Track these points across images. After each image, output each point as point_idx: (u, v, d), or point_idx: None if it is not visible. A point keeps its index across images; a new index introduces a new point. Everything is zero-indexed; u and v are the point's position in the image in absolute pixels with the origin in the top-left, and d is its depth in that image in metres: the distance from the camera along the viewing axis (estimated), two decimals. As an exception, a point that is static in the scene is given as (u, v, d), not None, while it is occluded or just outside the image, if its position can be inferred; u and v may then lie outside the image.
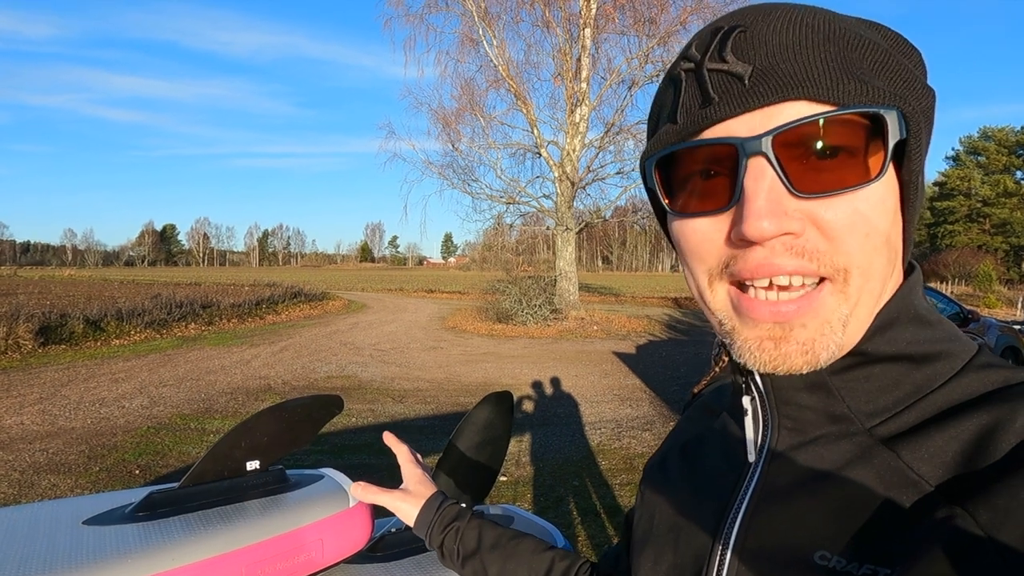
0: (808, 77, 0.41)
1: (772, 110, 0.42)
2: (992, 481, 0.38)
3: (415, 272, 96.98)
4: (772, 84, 0.41)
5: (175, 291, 19.80)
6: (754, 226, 0.41)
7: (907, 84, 0.43)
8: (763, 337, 0.44)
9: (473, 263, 46.80)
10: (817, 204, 0.41)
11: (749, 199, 0.41)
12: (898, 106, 0.41)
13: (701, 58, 0.44)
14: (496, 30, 17.74)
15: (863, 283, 0.43)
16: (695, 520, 0.54)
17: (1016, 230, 54.79)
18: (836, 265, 0.42)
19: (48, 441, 5.66)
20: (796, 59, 0.41)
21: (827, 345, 0.43)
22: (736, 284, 0.45)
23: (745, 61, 0.42)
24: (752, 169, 0.42)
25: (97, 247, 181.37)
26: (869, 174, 0.41)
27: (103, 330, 12.27)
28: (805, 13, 0.43)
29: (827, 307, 0.43)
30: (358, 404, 7.28)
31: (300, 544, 1.03)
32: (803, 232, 0.42)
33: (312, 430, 1.18)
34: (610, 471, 5.00)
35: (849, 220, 0.41)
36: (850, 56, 0.42)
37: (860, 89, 0.40)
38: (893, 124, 0.41)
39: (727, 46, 0.43)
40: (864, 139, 0.41)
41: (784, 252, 0.42)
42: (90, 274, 53.83)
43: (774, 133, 0.41)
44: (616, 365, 10.48)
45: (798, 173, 0.41)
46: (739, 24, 0.44)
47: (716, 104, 0.43)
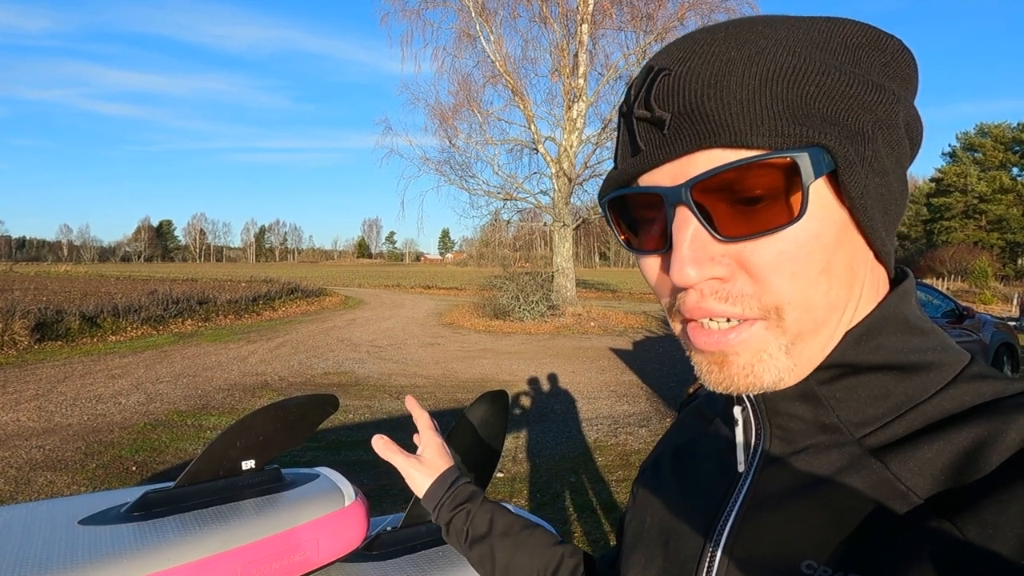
0: (718, 124, 0.41)
1: (689, 159, 0.42)
2: (981, 496, 0.38)
3: (412, 268, 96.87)
4: (687, 133, 0.42)
5: (171, 287, 19.76)
6: (679, 273, 0.42)
7: (851, 100, 0.42)
8: (708, 361, 0.46)
9: (470, 259, 46.78)
10: (743, 247, 0.42)
11: (676, 247, 0.43)
12: (816, 142, 0.40)
13: (632, 103, 0.45)
14: (493, 26, 17.70)
15: (801, 315, 0.43)
16: (686, 525, 0.54)
17: (1012, 226, 54.83)
18: (765, 306, 0.43)
19: (44, 438, 5.65)
20: (709, 103, 0.41)
21: (768, 369, 0.44)
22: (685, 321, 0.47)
23: (664, 108, 0.43)
24: (678, 218, 0.43)
25: (93, 243, 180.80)
26: (792, 213, 0.41)
27: (99, 326, 12.24)
28: (733, 44, 0.42)
29: (760, 339, 0.44)
30: (355, 400, 7.29)
31: (296, 543, 1.03)
32: (731, 277, 0.43)
33: (307, 430, 1.18)
34: (607, 467, 5.02)
35: (774, 261, 0.42)
36: (772, 90, 0.41)
37: (773, 130, 0.40)
38: (806, 164, 0.40)
39: (652, 91, 0.43)
40: (782, 180, 0.41)
41: (711, 296, 0.43)
42: (86, 270, 53.63)
43: (691, 184, 0.42)
44: (613, 361, 10.49)
45: (723, 218, 0.42)
46: (664, 66, 0.43)
47: (643, 153, 0.45)
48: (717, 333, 0.44)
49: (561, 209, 17.79)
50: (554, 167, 17.87)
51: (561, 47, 17.53)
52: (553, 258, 18.74)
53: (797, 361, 0.45)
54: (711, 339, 0.45)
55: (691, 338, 0.46)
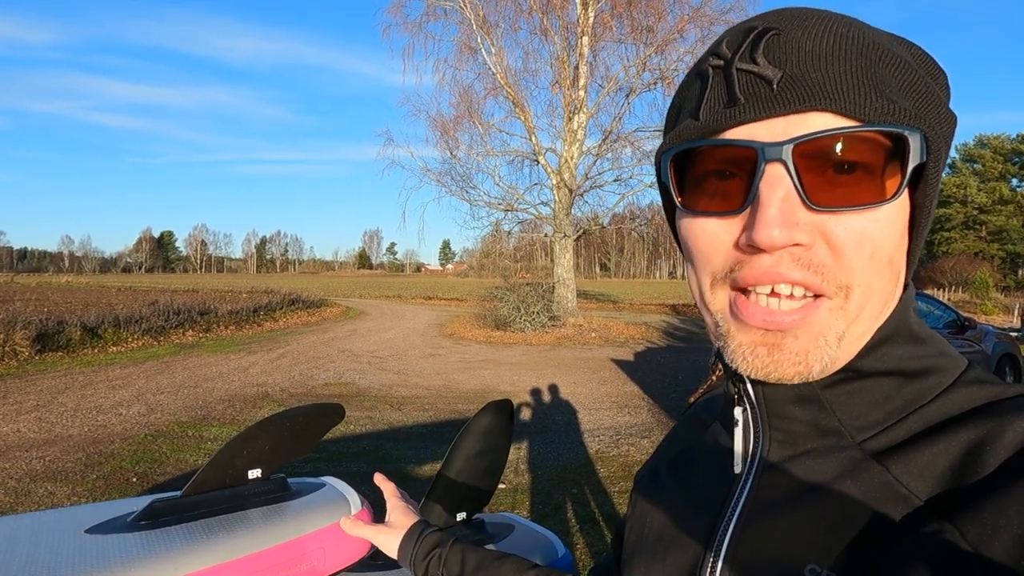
0: (836, 89, 0.40)
1: (796, 118, 0.41)
2: (981, 497, 0.38)
3: (413, 279, 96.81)
4: (800, 92, 0.41)
5: (172, 298, 19.76)
6: (765, 233, 0.40)
7: (932, 107, 0.43)
8: (757, 343, 0.44)
9: (471, 270, 46.82)
10: (828, 218, 0.41)
11: (763, 206, 0.41)
12: (921, 129, 0.41)
13: (732, 57, 0.43)
14: (494, 38, 17.82)
15: (863, 301, 0.43)
16: (686, 531, 0.54)
17: (1012, 237, 54.94)
18: (839, 282, 0.42)
19: (45, 449, 5.63)
20: (826, 69, 0.41)
21: (820, 357, 0.43)
22: (738, 290, 0.45)
23: (775, 65, 0.42)
24: (769, 175, 0.41)
25: (94, 254, 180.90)
26: (884, 194, 0.41)
27: (100, 337, 12.24)
28: (840, 23, 0.43)
29: (822, 321, 0.42)
30: (356, 411, 7.26)
31: (302, 552, 1.03)
32: (812, 245, 0.41)
33: (313, 438, 1.18)
34: (609, 478, 5.00)
35: (857, 238, 0.41)
36: (880, 72, 0.41)
37: (887, 107, 0.40)
38: (915, 147, 0.41)
39: (759, 48, 0.42)
40: (883, 158, 0.41)
41: (791, 262, 0.41)
42: (87, 281, 53.71)
43: (796, 142, 0.40)
44: (614, 372, 10.47)
45: (814, 185, 0.41)
46: (773, 27, 0.43)
47: (741, 105, 0.43)
48: (778, 312, 0.43)
49: (562, 220, 17.82)
50: (555, 178, 17.92)
51: (562, 59, 17.63)
52: (554, 269, 18.74)
53: (842, 352, 0.44)
54: (771, 317, 0.43)
55: (743, 312, 0.44)
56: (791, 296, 0.43)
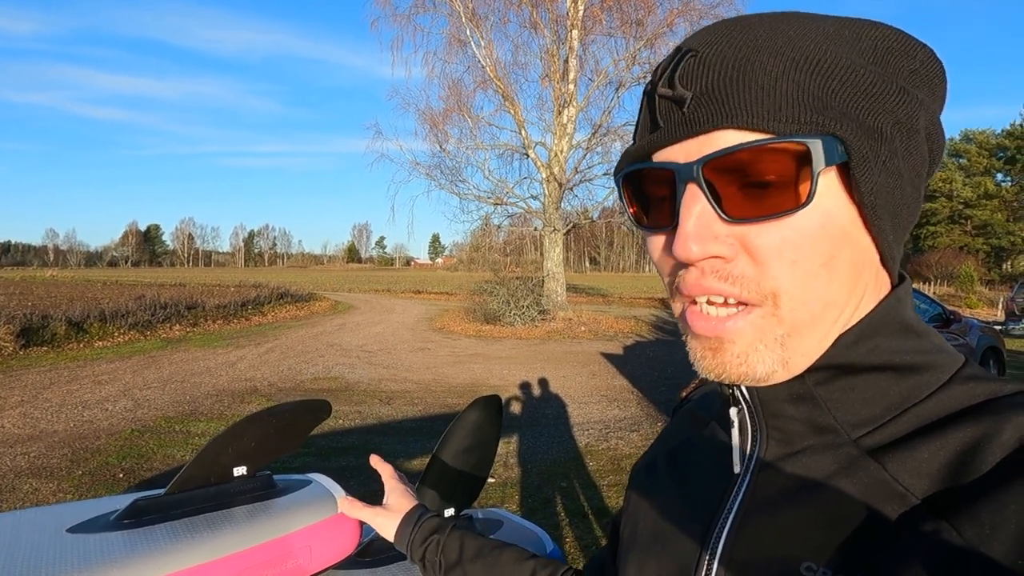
0: (738, 105, 0.42)
1: (706, 138, 0.43)
2: (978, 495, 0.38)
3: (402, 273, 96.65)
4: (705, 112, 0.43)
5: (159, 292, 19.59)
6: (681, 247, 0.43)
7: (872, 99, 0.42)
8: (703, 347, 0.46)
9: (461, 264, 46.72)
10: (748, 229, 0.43)
11: (681, 222, 0.43)
12: (830, 132, 0.41)
13: (656, 82, 0.46)
14: (484, 31, 17.75)
15: (797, 306, 0.43)
16: (681, 529, 0.54)
17: (997, 231, 55.46)
18: (763, 291, 0.43)
19: (29, 444, 5.58)
20: (731, 85, 0.42)
21: (762, 359, 0.44)
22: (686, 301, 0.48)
23: (687, 87, 0.44)
24: (687, 194, 0.43)
25: (80, 247, 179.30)
26: (798, 200, 0.42)
27: (86, 332, 12.12)
28: (762, 31, 0.43)
29: (755, 327, 0.44)
30: (345, 406, 7.25)
31: (288, 550, 1.02)
32: (734, 257, 0.43)
33: (300, 435, 1.17)
34: (598, 472, 5.01)
35: (776, 247, 0.42)
36: (794, 78, 0.41)
37: (790, 116, 0.41)
38: (817, 152, 0.41)
39: (677, 71, 0.44)
40: (793, 166, 0.41)
41: (711, 275, 0.44)
42: (72, 275, 53.08)
43: (703, 162, 0.42)
44: (604, 366, 10.50)
45: (731, 199, 0.43)
46: (692, 48, 0.45)
47: (661, 130, 0.46)
48: (715, 319, 0.45)
49: (551, 214, 17.82)
50: (544, 172, 17.91)
51: (551, 52, 17.60)
52: (543, 263, 18.77)
53: (791, 355, 0.45)
54: (708, 324, 0.45)
55: (689, 322, 0.47)
56: (725, 303, 0.45)
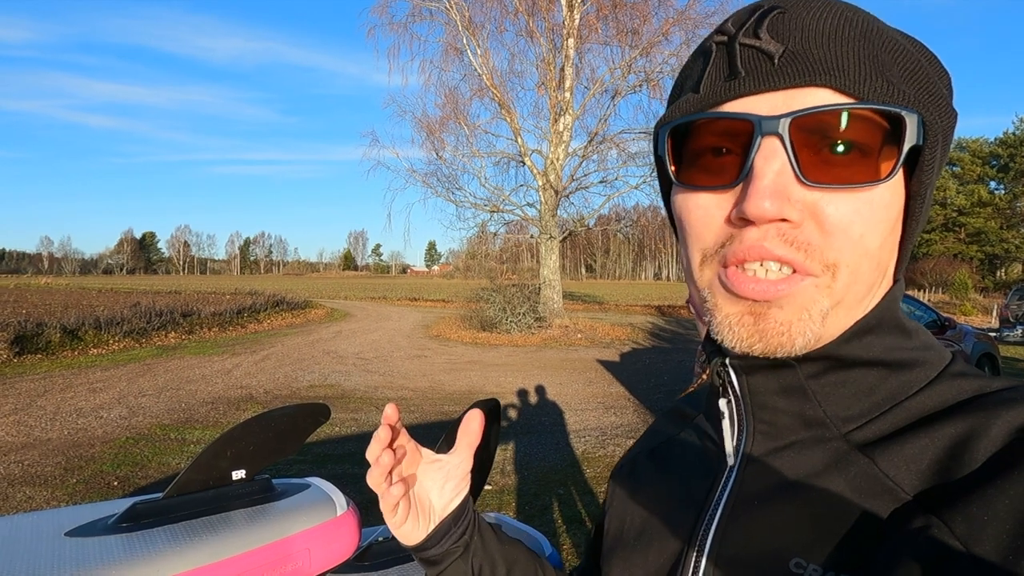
0: (836, 66, 0.41)
1: (795, 93, 0.41)
2: (968, 491, 0.38)
3: (399, 280, 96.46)
4: (800, 67, 0.41)
5: (155, 299, 19.53)
6: (756, 204, 0.40)
7: (932, 97, 0.43)
8: (743, 312, 0.44)
9: (457, 271, 46.69)
10: (820, 196, 0.41)
11: (756, 177, 0.41)
12: (919, 112, 0.41)
13: (735, 32, 0.44)
14: (480, 39, 17.81)
15: (850, 283, 0.43)
16: (668, 525, 0.53)
17: (991, 239, 55.77)
18: (826, 261, 0.42)
19: (23, 452, 5.54)
20: (828, 47, 0.41)
21: (803, 331, 0.43)
22: (726, 266, 0.45)
23: (778, 41, 0.42)
24: (764, 149, 0.41)
25: (75, 255, 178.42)
26: (878, 174, 0.41)
27: (80, 339, 12.06)
28: (845, 6, 0.43)
29: (807, 296, 0.42)
30: (341, 413, 7.22)
31: (287, 554, 1.02)
32: (801, 223, 0.41)
33: (299, 439, 1.17)
34: (595, 479, 5.00)
35: (848, 218, 0.41)
36: (882, 56, 0.42)
37: (886, 88, 0.40)
38: (911, 128, 0.41)
39: (763, 24, 0.43)
40: (880, 139, 0.41)
41: (777, 238, 0.41)
42: (67, 282, 52.88)
43: (793, 116, 0.41)
44: (600, 373, 10.49)
45: (809, 162, 0.41)
46: (778, 5, 0.43)
47: (741, 79, 0.43)
48: (766, 282, 0.42)
49: (548, 221, 17.84)
50: (541, 180, 17.94)
51: (547, 61, 17.66)
52: (540, 270, 18.76)
53: (826, 331, 0.44)
54: (759, 286, 0.42)
55: (732, 283, 0.43)
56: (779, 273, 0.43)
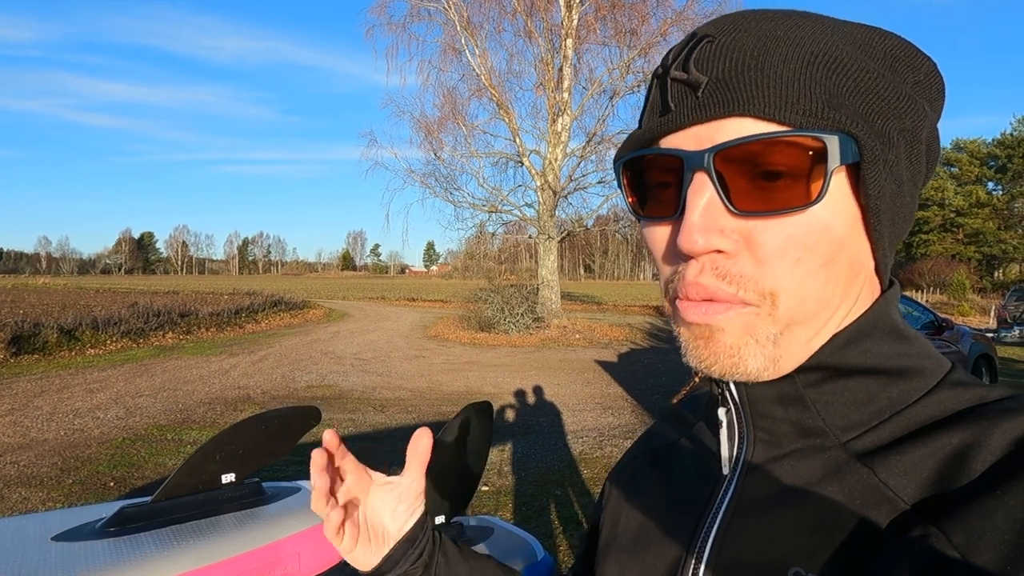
0: (755, 94, 0.40)
1: (720, 124, 0.42)
2: (967, 501, 0.38)
3: (397, 280, 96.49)
4: (720, 98, 0.41)
5: (152, 300, 19.52)
6: (686, 239, 0.41)
7: (883, 103, 0.42)
8: (695, 336, 0.45)
9: (455, 271, 46.74)
10: (754, 225, 0.41)
11: (687, 212, 0.42)
12: (846, 130, 0.41)
13: (669, 65, 0.45)
14: (478, 40, 17.82)
15: (795, 306, 0.43)
16: (666, 532, 0.53)
17: (988, 240, 55.87)
18: (761, 290, 0.42)
19: (19, 453, 5.53)
20: (748, 73, 0.41)
21: (753, 354, 0.43)
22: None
23: (703, 72, 0.42)
24: (695, 183, 0.42)
25: (72, 255, 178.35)
26: (809, 197, 0.41)
27: (78, 339, 12.04)
28: (780, 24, 0.43)
29: (747, 322, 0.43)
30: (339, 414, 7.21)
31: (277, 558, 1.01)
32: (736, 254, 0.42)
33: (289, 442, 1.16)
34: (592, 480, 5.00)
35: (780, 245, 0.41)
36: (812, 73, 0.41)
37: (808, 110, 0.40)
38: (833, 148, 0.40)
39: (692, 56, 0.43)
40: (807, 161, 0.41)
41: (710, 272, 0.42)
42: (65, 282, 52.84)
43: (715, 151, 0.41)
44: (598, 374, 10.49)
45: (740, 190, 0.41)
46: (709, 34, 0.43)
47: (672, 114, 0.44)
48: (706, 306, 0.43)
49: (546, 222, 17.84)
50: (539, 180, 17.94)
51: (546, 61, 17.67)
52: (538, 270, 18.76)
53: (783, 353, 0.44)
54: (699, 311, 0.43)
55: (680, 311, 0.45)
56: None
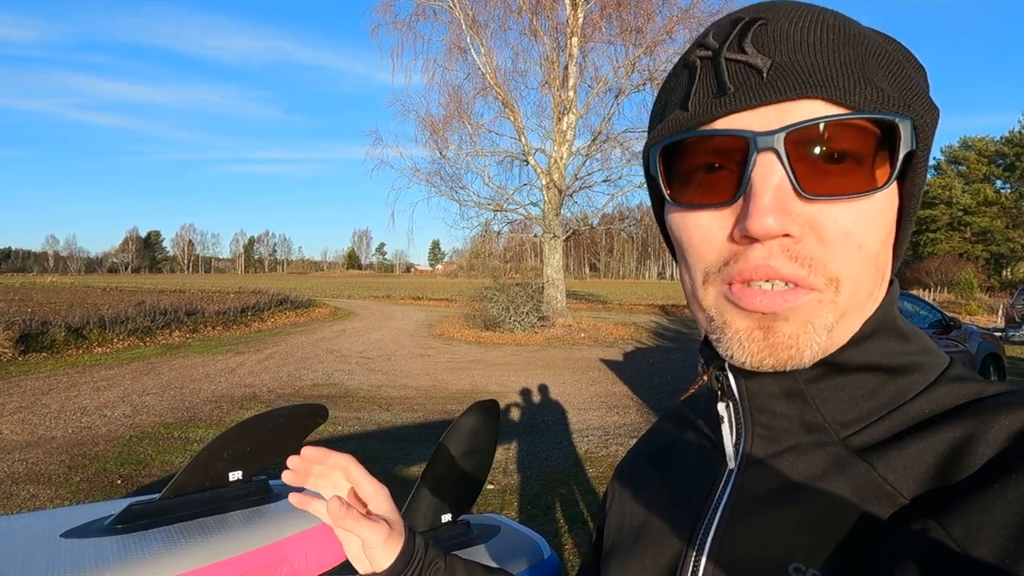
0: (826, 77, 0.40)
1: (787, 106, 0.41)
2: (966, 495, 0.38)
3: (402, 279, 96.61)
4: (790, 80, 0.40)
5: (159, 298, 19.59)
6: (759, 222, 0.40)
7: (917, 97, 0.43)
8: (753, 327, 0.43)
9: (461, 270, 46.78)
10: (819, 209, 0.41)
11: (756, 195, 0.40)
12: (911, 116, 0.41)
13: (720, 47, 0.43)
14: (484, 38, 17.80)
15: (852, 294, 0.42)
16: (667, 528, 0.53)
17: (996, 238, 55.51)
18: (829, 274, 0.41)
19: (28, 451, 5.56)
20: (815, 57, 0.40)
21: (810, 344, 0.42)
22: (730, 284, 0.44)
23: (764, 54, 0.41)
24: (761, 165, 0.41)
25: (80, 254, 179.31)
26: (875, 183, 0.41)
27: (85, 338, 12.11)
28: (824, 13, 0.43)
29: (811, 310, 0.42)
30: (344, 412, 7.23)
31: (283, 556, 1.02)
32: (802, 237, 0.41)
33: (296, 440, 1.17)
34: (598, 479, 4.99)
35: (847, 228, 0.41)
36: (867, 61, 0.41)
37: (876, 95, 0.40)
38: (906, 134, 0.40)
39: (747, 37, 0.42)
40: (873, 147, 0.41)
41: (781, 255, 0.41)
42: (72, 281, 53.15)
43: (788, 130, 0.40)
44: (603, 372, 10.47)
45: (806, 175, 0.41)
46: (760, 17, 0.43)
47: (731, 95, 0.42)
48: (772, 294, 0.42)
49: (551, 220, 17.83)
50: (544, 179, 17.93)
51: (551, 60, 17.64)
52: (543, 269, 18.76)
53: (832, 343, 0.44)
54: (767, 299, 0.42)
55: (740, 298, 0.43)
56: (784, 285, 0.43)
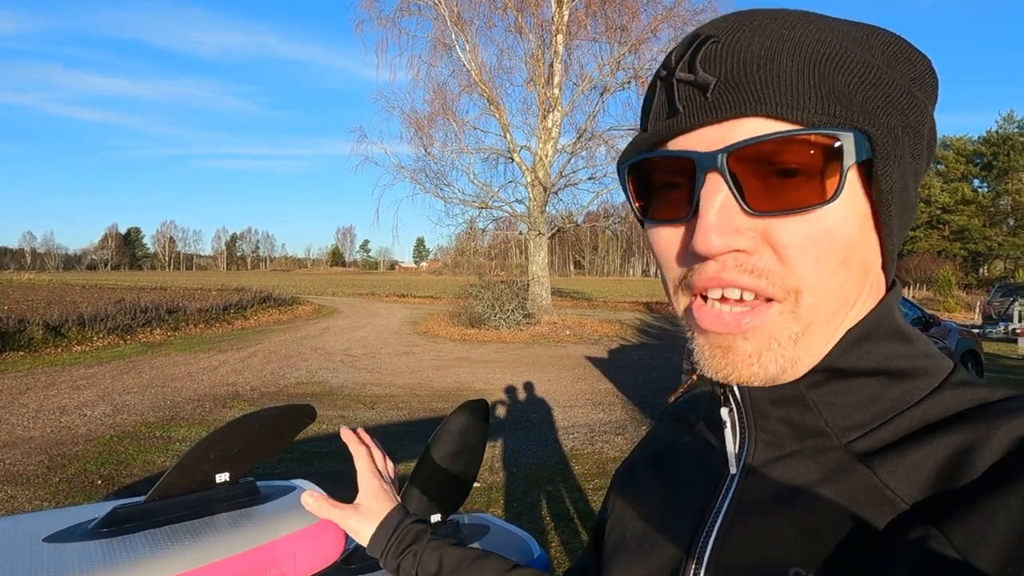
0: (768, 93, 0.40)
1: (730, 125, 0.41)
2: (968, 502, 0.38)
3: (387, 276, 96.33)
4: (732, 98, 0.41)
5: (140, 296, 19.34)
6: (703, 241, 0.41)
7: (885, 100, 0.43)
8: (713, 345, 0.45)
9: (446, 268, 46.72)
10: (770, 223, 0.41)
11: (702, 214, 0.41)
12: (860, 127, 0.41)
13: (673, 67, 0.44)
14: (469, 35, 17.76)
15: (816, 303, 0.43)
16: (667, 532, 0.53)
17: (974, 236, 56.51)
18: (786, 286, 0.42)
19: (5, 451, 5.47)
20: (758, 73, 0.41)
21: (774, 359, 0.43)
22: (694, 295, 0.46)
23: (711, 73, 0.42)
24: (708, 184, 0.42)
25: (58, 250, 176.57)
26: (824, 195, 0.41)
27: (64, 336, 11.92)
28: (783, 24, 0.43)
29: (773, 323, 0.43)
30: (329, 410, 7.19)
31: (272, 558, 1.01)
32: (756, 251, 0.42)
33: (284, 440, 1.16)
34: (583, 476, 5.01)
35: (801, 241, 0.41)
36: (820, 72, 0.41)
37: (820, 108, 0.40)
38: (849, 146, 0.40)
39: (697, 56, 0.43)
40: (822, 159, 0.41)
41: (735, 268, 0.42)
42: (50, 278, 52.28)
43: (728, 151, 0.41)
44: (588, 370, 10.52)
45: (754, 190, 0.41)
46: (713, 34, 0.43)
47: (680, 116, 0.44)
48: (728, 315, 0.43)
49: (536, 218, 17.85)
50: (529, 176, 17.94)
51: (536, 57, 17.65)
52: (528, 267, 18.78)
53: (802, 354, 0.44)
54: (720, 320, 0.43)
55: (697, 317, 0.45)
56: (740, 300, 0.43)
